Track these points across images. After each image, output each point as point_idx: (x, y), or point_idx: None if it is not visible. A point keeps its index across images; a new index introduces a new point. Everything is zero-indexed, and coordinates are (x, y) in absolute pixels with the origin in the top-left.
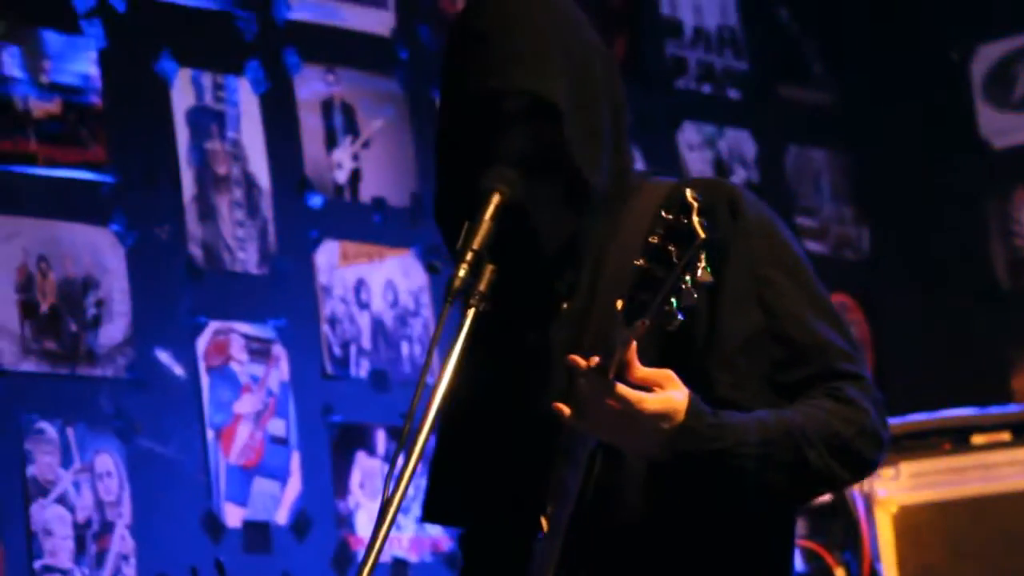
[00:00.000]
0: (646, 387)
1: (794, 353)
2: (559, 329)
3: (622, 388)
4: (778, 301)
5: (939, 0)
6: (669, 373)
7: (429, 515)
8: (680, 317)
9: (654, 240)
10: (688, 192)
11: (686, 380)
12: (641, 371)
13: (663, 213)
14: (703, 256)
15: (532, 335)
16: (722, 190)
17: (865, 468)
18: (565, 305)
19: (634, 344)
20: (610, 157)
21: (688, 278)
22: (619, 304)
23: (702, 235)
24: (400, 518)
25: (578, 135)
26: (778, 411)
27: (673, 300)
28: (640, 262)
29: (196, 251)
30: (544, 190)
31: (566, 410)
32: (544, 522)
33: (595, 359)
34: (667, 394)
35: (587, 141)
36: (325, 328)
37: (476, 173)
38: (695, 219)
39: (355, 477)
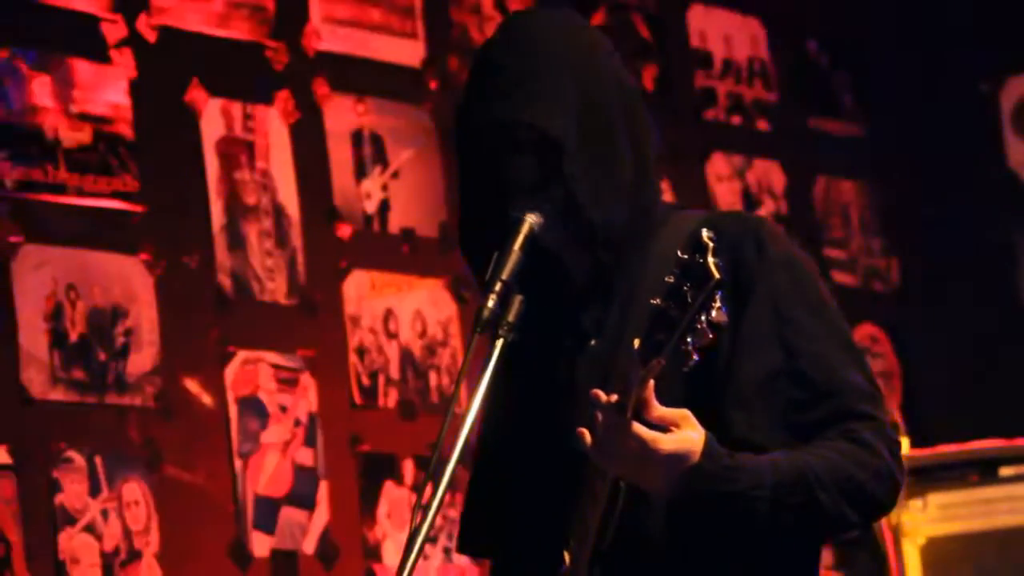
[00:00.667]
0: (663, 426)
1: (812, 393)
2: (585, 365)
3: (638, 427)
4: (799, 340)
5: (969, 32)
6: (686, 413)
7: (462, 546)
8: (695, 358)
9: (670, 280)
10: (704, 232)
11: (707, 418)
12: (659, 410)
13: (679, 253)
14: (718, 297)
15: (560, 369)
16: (749, 224)
17: (878, 511)
18: (592, 341)
19: (651, 383)
20: (628, 192)
21: (703, 318)
22: (636, 343)
23: (716, 276)
24: (427, 548)
25: (582, 171)
26: (793, 453)
27: (688, 340)
28: (656, 301)
29: (225, 280)
30: (564, 222)
31: (588, 437)
32: (567, 556)
33: (614, 397)
34: (683, 434)
35: (593, 177)
36: (353, 358)
37: (492, 202)
38: (710, 260)
39: (382, 507)
